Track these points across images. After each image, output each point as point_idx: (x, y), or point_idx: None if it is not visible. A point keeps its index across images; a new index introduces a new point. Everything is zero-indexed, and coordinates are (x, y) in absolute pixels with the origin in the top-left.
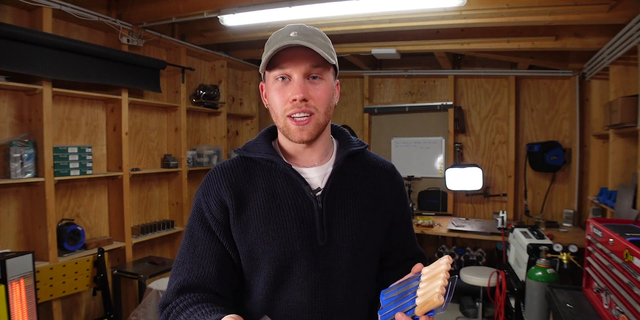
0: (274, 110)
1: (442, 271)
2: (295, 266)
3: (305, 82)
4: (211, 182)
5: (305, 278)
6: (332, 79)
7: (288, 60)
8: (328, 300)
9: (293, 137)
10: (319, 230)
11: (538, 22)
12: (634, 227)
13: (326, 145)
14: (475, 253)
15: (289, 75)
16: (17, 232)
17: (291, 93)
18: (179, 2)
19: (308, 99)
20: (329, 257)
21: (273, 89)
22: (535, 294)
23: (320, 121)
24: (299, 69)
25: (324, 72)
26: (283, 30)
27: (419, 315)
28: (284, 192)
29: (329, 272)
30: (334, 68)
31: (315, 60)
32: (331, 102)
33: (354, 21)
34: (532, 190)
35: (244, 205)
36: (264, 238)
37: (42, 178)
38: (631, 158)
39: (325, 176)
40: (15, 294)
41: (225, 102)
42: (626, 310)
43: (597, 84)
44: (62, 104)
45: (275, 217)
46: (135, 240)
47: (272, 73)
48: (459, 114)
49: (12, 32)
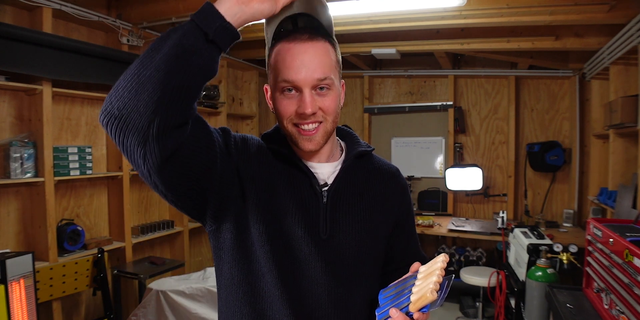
0: (279, 118)
1: (437, 269)
2: (297, 252)
3: (313, 94)
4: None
5: (307, 266)
6: (339, 82)
7: (295, 73)
8: (330, 294)
9: (301, 146)
10: (322, 223)
11: (538, 22)
12: (634, 227)
13: (332, 146)
14: (475, 253)
15: (296, 88)
16: (17, 232)
17: (299, 107)
18: (179, 2)
19: (317, 112)
20: (330, 251)
21: (280, 99)
22: (535, 294)
23: (328, 129)
24: (308, 82)
25: (331, 82)
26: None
27: (412, 311)
28: (293, 183)
29: (330, 265)
30: (339, 64)
31: (323, 72)
32: (338, 108)
33: (354, 21)
34: (532, 190)
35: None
36: (268, 223)
37: (42, 178)
38: (631, 158)
39: (334, 173)
40: (15, 294)
41: (225, 102)
42: (626, 310)
43: (597, 84)
44: (62, 104)
45: (281, 205)
46: (135, 240)
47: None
48: (459, 114)
49: (12, 32)
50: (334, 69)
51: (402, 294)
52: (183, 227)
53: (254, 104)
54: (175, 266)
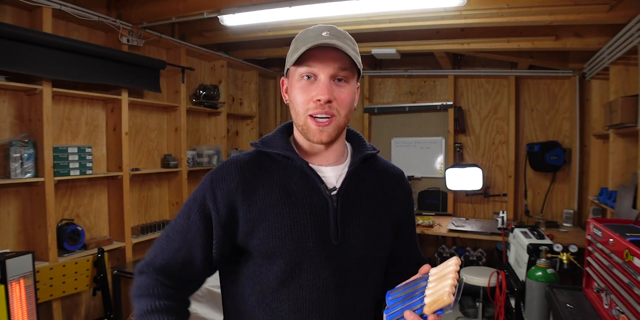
0: (295, 108)
1: (451, 272)
2: (307, 263)
3: (331, 83)
4: (223, 174)
5: (317, 276)
6: (355, 83)
7: (316, 60)
8: (339, 299)
9: (312, 137)
10: (333, 228)
11: (538, 22)
12: (634, 227)
13: (342, 147)
14: (475, 253)
15: (315, 75)
16: (17, 232)
17: (316, 93)
18: (179, 2)
19: (332, 101)
20: (341, 256)
21: (297, 87)
22: (535, 294)
23: (340, 123)
24: (327, 69)
25: (350, 75)
26: (314, 29)
27: (427, 313)
28: (300, 189)
29: (340, 271)
30: (358, 72)
31: (344, 63)
32: (352, 105)
33: (354, 21)
34: (532, 190)
35: (257, 201)
36: (276, 233)
37: (42, 178)
38: (631, 158)
39: (341, 177)
40: (15, 294)
41: (225, 102)
42: (626, 310)
43: (597, 84)
44: (62, 104)
45: (290, 213)
46: (135, 240)
47: (298, 70)
48: (459, 114)
49: (12, 32)
50: (354, 68)
51: (414, 296)
52: None
53: (254, 104)
54: None
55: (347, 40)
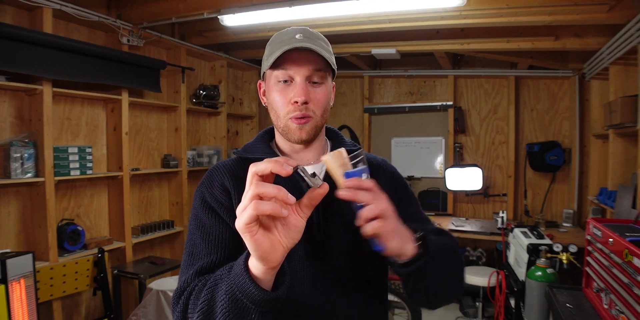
0: (275, 111)
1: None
2: (294, 257)
3: (306, 84)
4: (214, 175)
5: (302, 270)
6: (330, 82)
7: (291, 62)
8: (327, 294)
9: (292, 136)
10: (316, 224)
11: (538, 22)
12: (633, 227)
13: (321, 146)
14: (475, 253)
15: (291, 77)
16: (18, 232)
17: (293, 95)
18: (179, 2)
19: (309, 102)
20: (327, 252)
21: (275, 90)
22: (535, 293)
23: (318, 123)
24: (302, 71)
25: (325, 75)
26: (288, 31)
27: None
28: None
29: (327, 266)
30: (333, 72)
31: (318, 64)
32: (328, 105)
33: (354, 21)
34: (532, 190)
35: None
36: None
37: (42, 178)
38: (631, 158)
39: (321, 173)
40: (15, 293)
41: (225, 102)
42: (626, 310)
43: (597, 84)
44: (62, 104)
45: None
46: (135, 240)
47: (274, 73)
48: (459, 114)
49: (12, 32)
50: (328, 69)
51: None
52: (183, 227)
53: (254, 104)
54: (175, 266)
55: (321, 41)
